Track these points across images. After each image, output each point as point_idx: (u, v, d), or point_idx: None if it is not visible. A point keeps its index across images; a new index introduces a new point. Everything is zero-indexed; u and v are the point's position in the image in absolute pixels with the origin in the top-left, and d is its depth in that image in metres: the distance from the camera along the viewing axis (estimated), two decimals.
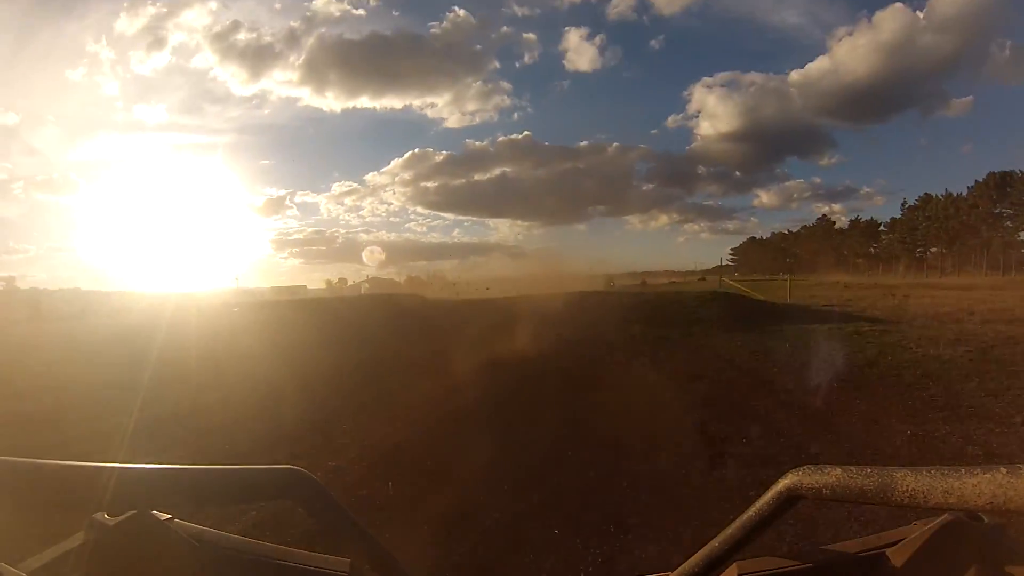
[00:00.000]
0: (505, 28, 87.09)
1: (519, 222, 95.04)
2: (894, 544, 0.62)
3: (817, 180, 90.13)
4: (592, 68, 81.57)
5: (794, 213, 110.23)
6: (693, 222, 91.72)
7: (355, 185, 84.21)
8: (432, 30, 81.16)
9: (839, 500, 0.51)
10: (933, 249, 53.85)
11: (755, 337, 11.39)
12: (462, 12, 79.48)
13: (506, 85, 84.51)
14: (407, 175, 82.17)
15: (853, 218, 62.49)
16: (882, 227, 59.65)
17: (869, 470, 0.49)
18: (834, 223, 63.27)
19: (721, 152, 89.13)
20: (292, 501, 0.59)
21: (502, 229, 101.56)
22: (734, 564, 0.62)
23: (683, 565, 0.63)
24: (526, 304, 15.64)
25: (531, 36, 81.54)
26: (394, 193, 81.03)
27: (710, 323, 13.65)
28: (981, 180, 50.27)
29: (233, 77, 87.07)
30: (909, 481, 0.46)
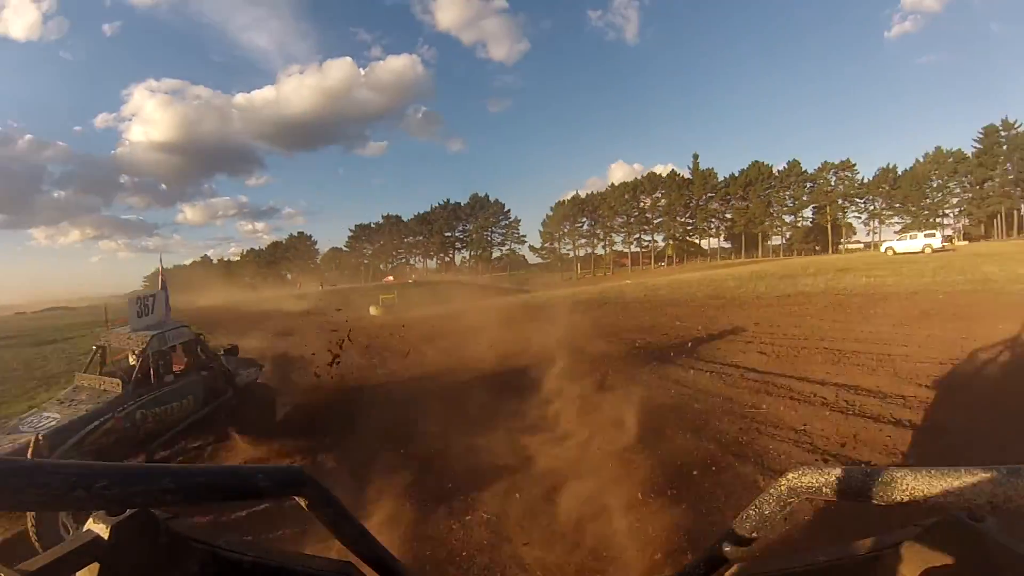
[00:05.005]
0: None
1: None
2: (894, 546, 0.62)
3: (244, 199, 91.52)
4: (27, 37, 66.35)
5: (219, 230, 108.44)
6: (110, 238, 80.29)
7: None
8: None
9: (839, 500, 0.51)
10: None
11: None
12: None
13: None
14: None
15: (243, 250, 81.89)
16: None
17: (869, 469, 0.49)
18: (212, 260, 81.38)
19: (150, 161, 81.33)
20: (294, 500, 0.59)
21: None
22: (735, 565, 0.62)
23: (684, 567, 0.63)
24: None
25: None
26: None
27: None
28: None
29: None
30: (909, 480, 0.46)
